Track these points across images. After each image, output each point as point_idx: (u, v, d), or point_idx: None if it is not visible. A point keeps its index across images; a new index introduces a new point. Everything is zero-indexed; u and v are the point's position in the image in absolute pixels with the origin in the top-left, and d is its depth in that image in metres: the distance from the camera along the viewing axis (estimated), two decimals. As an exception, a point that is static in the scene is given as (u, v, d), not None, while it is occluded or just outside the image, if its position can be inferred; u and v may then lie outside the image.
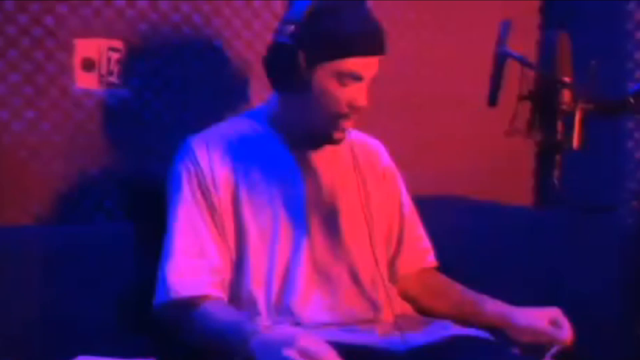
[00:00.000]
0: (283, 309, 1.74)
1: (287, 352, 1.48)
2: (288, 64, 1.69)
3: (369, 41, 1.71)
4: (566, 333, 1.73)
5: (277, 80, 1.74)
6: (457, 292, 1.92)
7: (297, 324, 1.73)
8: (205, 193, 1.76)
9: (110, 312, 1.80)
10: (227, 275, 1.76)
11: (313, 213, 1.80)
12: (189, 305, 1.71)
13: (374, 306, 1.80)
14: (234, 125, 1.87)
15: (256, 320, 1.70)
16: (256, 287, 1.75)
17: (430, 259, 1.97)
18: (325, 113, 1.73)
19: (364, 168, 1.87)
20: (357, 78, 1.71)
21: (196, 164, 1.78)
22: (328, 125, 1.75)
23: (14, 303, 1.71)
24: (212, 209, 1.76)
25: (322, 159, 1.83)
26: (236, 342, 1.59)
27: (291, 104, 1.78)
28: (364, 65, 1.71)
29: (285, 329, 1.66)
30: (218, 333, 1.66)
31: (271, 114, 1.84)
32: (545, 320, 1.75)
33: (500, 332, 1.75)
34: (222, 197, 1.77)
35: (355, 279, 1.81)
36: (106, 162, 2.00)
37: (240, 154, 1.81)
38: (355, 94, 1.71)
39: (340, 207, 1.82)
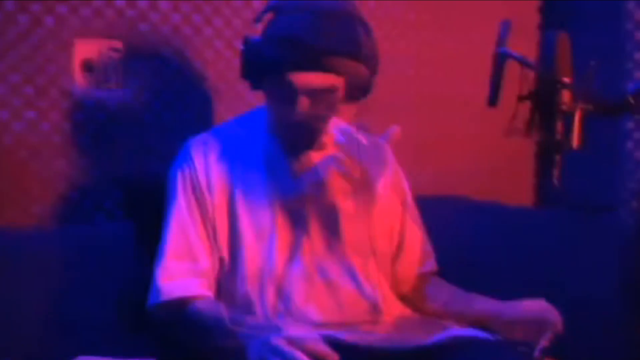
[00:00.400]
0: (281, 310, 1.74)
1: (276, 340, 1.50)
2: (258, 68, 1.71)
3: (313, 56, 1.67)
4: (556, 318, 1.73)
5: (255, 82, 1.76)
6: (447, 292, 1.91)
7: (301, 320, 1.74)
8: (198, 197, 1.78)
9: (111, 312, 1.80)
10: (215, 277, 1.78)
11: (312, 214, 1.80)
12: (179, 305, 1.73)
13: (374, 307, 1.79)
14: (232, 128, 1.88)
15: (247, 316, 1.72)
16: (251, 288, 1.76)
17: (429, 264, 1.96)
18: (283, 114, 1.74)
19: (371, 168, 1.87)
20: (294, 91, 1.69)
21: (192, 166, 1.79)
22: (289, 132, 1.76)
23: (14, 303, 1.71)
24: (204, 212, 1.78)
25: (323, 159, 1.84)
26: (225, 335, 1.63)
27: (268, 105, 1.79)
28: (306, 81, 1.69)
29: (273, 321, 1.70)
30: (207, 329, 1.69)
31: (267, 117, 1.84)
32: (534, 309, 1.74)
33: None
34: (217, 200, 1.78)
35: (355, 280, 1.80)
36: (106, 163, 2.00)
37: (238, 156, 1.81)
38: (293, 105, 1.70)
39: (340, 208, 1.82)
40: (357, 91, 1.74)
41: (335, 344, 1.56)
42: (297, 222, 1.79)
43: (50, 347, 1.71)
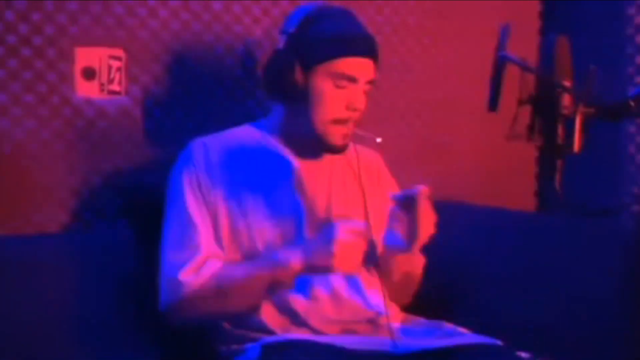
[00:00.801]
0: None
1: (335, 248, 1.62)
2: (286, 71, 1.72)
3: (360, 43, 1.76)
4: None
5: (277, 89, 1.76)
6: None
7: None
8: (204, 192, 1.78)
9: (111, 317, 1.80)
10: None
11: (311, 221, 1.80)
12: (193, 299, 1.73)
13: (377, 315, 1.79)
14: (234, 133, 1.88)
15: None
16: None
17: None
18: (324, 117, 1.75)
19: (364, 179, 1.88)
20: (352, 79, 1.74)
21: (194, 165, 1.79)
22: (327, 131, 1.76)
23: (14, 309, 1.71)
24: (209, 210, 1.77)
25: (322, 168, 1.84)
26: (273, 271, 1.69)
27: (292, 113, 1.80)
28: (358, 67, 1.75)
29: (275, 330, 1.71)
30: (246, 281, 1.71)
31: (273, 125, 1.85)
32: None
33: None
34: (218, 201, 1.78)
35: (358, 289, 1.80)
36: (107, 170, 2.00)
37: (239, 160, 1.82)
38: (351, 96, 1.75)
39: (339, 217, 1.81)
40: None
41: (337, 351, 1.55)
42: (296, 228, 1.79)
43: (51, 351, 1.71)
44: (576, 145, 1.60)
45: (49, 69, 1.92)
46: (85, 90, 1.97)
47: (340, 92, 1.74)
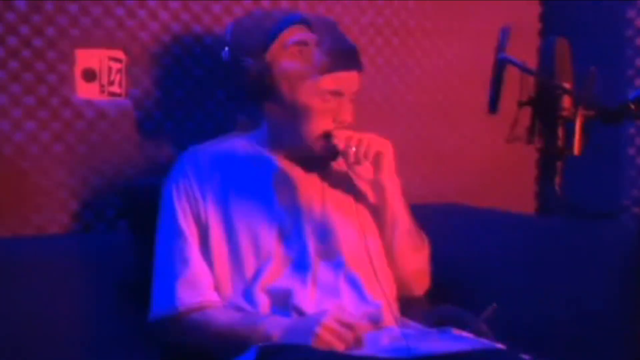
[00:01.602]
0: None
1: (318, 329, 1.57)
2: (272, 88, 1.72)
3: (346, 56, 1.75)
4: None
5: (262, 103, 1.77)
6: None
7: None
8: (192, 206, 1.78)
9: (110, 318, 1.80)
10: (214, 286, 1.77)
11: (308, 225, 1.79)
12: (191, 314, 1.73)
13: (377, 311, 1.78)
14: (226, 142, 1.88)
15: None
16: (250, 302, 1.75)
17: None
18: (313, 132, 1.75)
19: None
20: (339, 94, 1.74)
21: (185, 178, 1.79)
22: (316, 144, 1.77)
23: (14, 309, 1.71)
24: (198, 221, 1.77)
25: (324, 173, 1.84)
26: (251, 333, 1.65)
27: (280, 123, 1.80)
28: (345, 81, 1.74)
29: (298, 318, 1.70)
30: (226, 334, 1.69)
31: (262, 137, 1.85)
32: None
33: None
34: (210, 209, 1.78)
35: (359, 292, 1.79)
36: (107, 172, 2.00)
37: (231, 169, 1.81)
38: (339, 109, 1.75)
39: (334, 219, 1.81)
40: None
41: (334, 356, 1.55)
42: (296, 234, 1.78)
43: (50, 352, 1.72)
44: (576, 148, 1.59)
45: (50, 70, 1.92)
46: (86, 92, 1.97)
47: (327, 106, 1.74)
